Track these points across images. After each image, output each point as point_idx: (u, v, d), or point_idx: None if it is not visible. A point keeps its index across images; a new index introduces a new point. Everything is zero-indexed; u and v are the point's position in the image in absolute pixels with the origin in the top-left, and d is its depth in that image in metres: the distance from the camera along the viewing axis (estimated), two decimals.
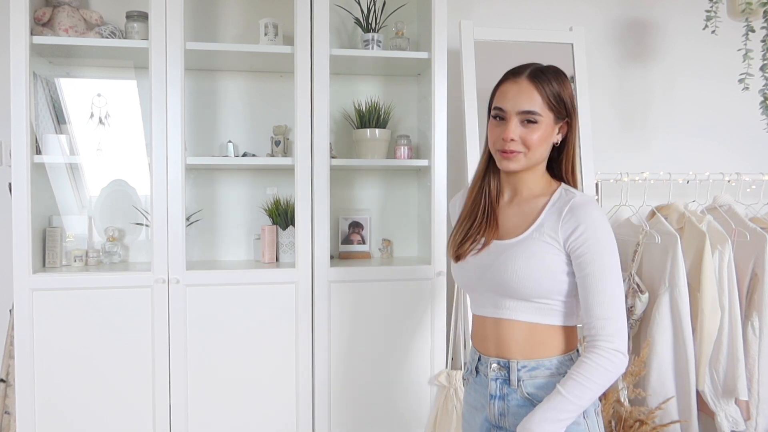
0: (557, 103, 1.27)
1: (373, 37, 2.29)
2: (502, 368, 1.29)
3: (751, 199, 2.56)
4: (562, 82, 1.28)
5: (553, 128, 1.28)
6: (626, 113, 2.74)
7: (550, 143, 1.29)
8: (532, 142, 1.26)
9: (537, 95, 1.25)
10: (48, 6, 2.13)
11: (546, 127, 1.26)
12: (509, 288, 1.25)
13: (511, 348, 1.28)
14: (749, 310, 2.33)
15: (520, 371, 1.26)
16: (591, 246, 1.20)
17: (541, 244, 1.24)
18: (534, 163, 1.29)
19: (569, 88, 1.30)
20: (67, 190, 2.27)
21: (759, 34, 2.25)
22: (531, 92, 1.25)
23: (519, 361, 1.27)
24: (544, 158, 1.31)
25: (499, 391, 1.29)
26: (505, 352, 1.29)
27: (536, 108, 1.25)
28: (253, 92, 2.43)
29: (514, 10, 2.63)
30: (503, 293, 1.27)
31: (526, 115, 1.25)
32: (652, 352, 2.30)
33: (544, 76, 1.27)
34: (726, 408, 2.30)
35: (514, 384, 1.27)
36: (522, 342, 1.27)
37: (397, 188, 2.54)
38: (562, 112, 1.28)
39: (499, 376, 1.29)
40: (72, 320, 2.01)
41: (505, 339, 1.29)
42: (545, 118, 1.26)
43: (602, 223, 1.21)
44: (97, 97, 2.27)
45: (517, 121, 1.26)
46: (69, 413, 2.02)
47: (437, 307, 2.22)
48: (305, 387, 2.14)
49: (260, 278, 2.12)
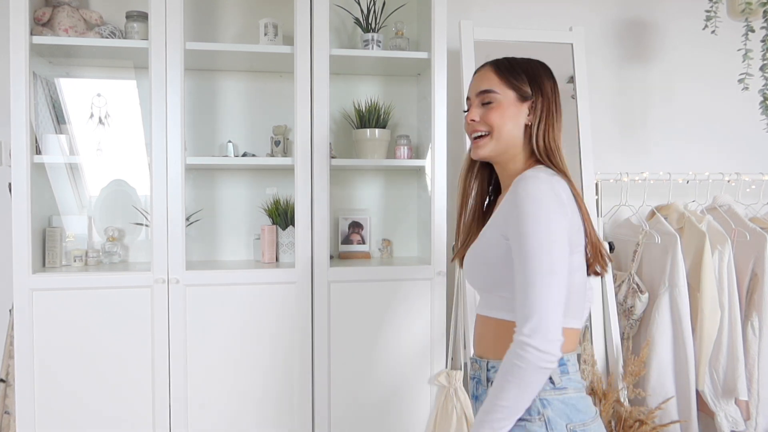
0: (516, 80, 1.23)
1: (373, 37, 2.29)
2: (479, 368, 1.24)
3: (750, 199, 2.57)
4: (525, 63, 1.26)
5: (518, 107, 1.23)
6: (626, 113, 2.74)
7: (519, 124, 1.23)
8: (492, 120, 1.22)
9: (494, 75, 1.24)
10: (48, 6, 2.13)
11: (507, 105, 1.22)
12: (472, 278, 1.24)
13: (483, 345, 1.24)
14: (749, 310, 2.34)
15: (489, 371, 1.20)
16: (514, 227, 1.10)
17: (491, 232, 1.20)
18: (504, 147, 1.23)
19: (536, 69, 1.26)
20: (66, 190, 2.27)
21: (759, 34, 2.25)
22: (488, 74, 1.25)
23: (489, 361, 1.20)
24: (515, 142, 1.23)
25: (476, 392, 1.25)
26: (481, 350, 1.24)
27: (493, 86, 1.23)
28: (252, 92, 2.43)
29: (514, 10, 2.63)
30: (474, 285, 1.26)
31: (483, 95, 1.24)
32: (652, 352, 2.30)
33: (505, 59, 1.26)
34: (726, 408, 2.30)
35: (485, 384, 1.21)
36: (492, 340, 1.20)
37: (397, 188, 2.54)
38: (525, 89, 1.23)
39: (476, 376, 1.25)
40: (72, 320, 2.01)
41: (480, 336, 1.25)
42: (504, 96, 1.23)
43: (529, 197, 1.09)
44: (97, 97, 2.27)
45: (477, 103, 1.25)
46: (69, 413, 2.02)
47: (437, 307, 2.22)
48: (305, 387, 2.14)
49: (260, 278, 2.12)
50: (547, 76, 1.26)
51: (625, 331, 2.42)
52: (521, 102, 1.23)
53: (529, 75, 1.24)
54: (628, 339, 2.42)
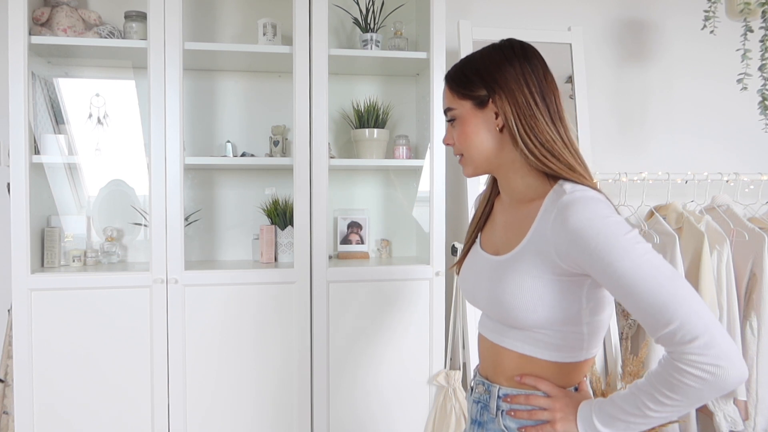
0: (466, 87, 1.07)
1: (372, 37, 2.29)
2: (485, 391, 1.13)
3: (749, 199, 2.57)
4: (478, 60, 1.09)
5: (478, 116, 1.07)
6: (625, 113, 2.74)
7: (488, 133, 1.06)
8: (458, 140, 1.10)
9: (448, 90, 1.11)
10: (46, 6, 2.13)
11: (467, 118, 1.08)
12: (502, 315, 1.06)
13: (499, 373, 1.11)
14: (747, 310, 2.34)
15: (500, 399, 1.10)
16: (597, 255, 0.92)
17: (532, 262, 1.01)
18: (485, 162, 1.09)
19: (491, 61, 1.07)
20: (65, 190, 2.27)
21: (757, 34, 2.25)
22: (445, 90, 1.13)
23: (502, 388, 1.10)
24: (493, 153, 1.07)
25: (479, 417, 1.14)
26: (493, 376, 1.13)
27: (449, 103, 1.11)
28: (251, 92, 2.43)
29: (513, 10, 2.63)
30: (498, 318, 1.09)
31: (447, 115, 1.12)
32: (651, 352, 2.30)
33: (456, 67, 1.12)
34: (724, 408, 2.30)
35: (493, 412, 1.10)
36: (512, 371, 1.09)
37: (396, 188, 2.54)
38: (478, 93, 1.06)
39: (481, 399, 1.14)
40: (70, 320, 2.01)
41: (497, 364, 1.12)
42: (461, 110, 1.08)
43: (597, 221, 0.93)
44: (96, 97, 2.27)
45: (448, 125, 1.14)
46: (67, 413, 2.02)
47: (436, 307, 2.22)
48: (303, 387, 2.14)
49: (259, 278, 2.12)
50: (506, 61, 1.05)
51: (624, 331, 2.43)
52: (480, 108, 1.07)
53: (482, 73, 1.06)
54: (627, 339, 2.43)
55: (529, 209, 1.06)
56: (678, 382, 0.89)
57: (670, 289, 0.89)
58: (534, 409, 1.06)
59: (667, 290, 0.89)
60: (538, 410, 1.06)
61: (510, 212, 1.12)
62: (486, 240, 1.18)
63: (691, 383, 0.88)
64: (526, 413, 1.07)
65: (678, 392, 0.90)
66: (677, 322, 0.87)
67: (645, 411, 0.94)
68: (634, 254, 0.90)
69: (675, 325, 0.88)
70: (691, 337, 0.87)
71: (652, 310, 0.89)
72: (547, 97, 1.05)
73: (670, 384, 0.90)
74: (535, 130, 1.03)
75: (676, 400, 0.91)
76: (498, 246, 1.12)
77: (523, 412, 1.07)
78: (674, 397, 0.91)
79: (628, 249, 0.91)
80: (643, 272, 0.90)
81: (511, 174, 1.09)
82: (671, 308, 0.88)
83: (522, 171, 1.08)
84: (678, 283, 0.89)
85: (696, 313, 0.87)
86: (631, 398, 0.96)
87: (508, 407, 1.08)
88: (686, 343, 0.87)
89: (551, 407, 1.05)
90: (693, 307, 0.88)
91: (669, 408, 0.92)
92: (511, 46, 1.08)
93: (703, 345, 0.86)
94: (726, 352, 0.87)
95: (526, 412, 1.07)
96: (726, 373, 0.87)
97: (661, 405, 0.92)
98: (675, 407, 0.92)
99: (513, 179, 1.09)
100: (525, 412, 1.07)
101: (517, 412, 1.07)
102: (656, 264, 0.90)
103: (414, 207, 2.53)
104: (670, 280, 0.89)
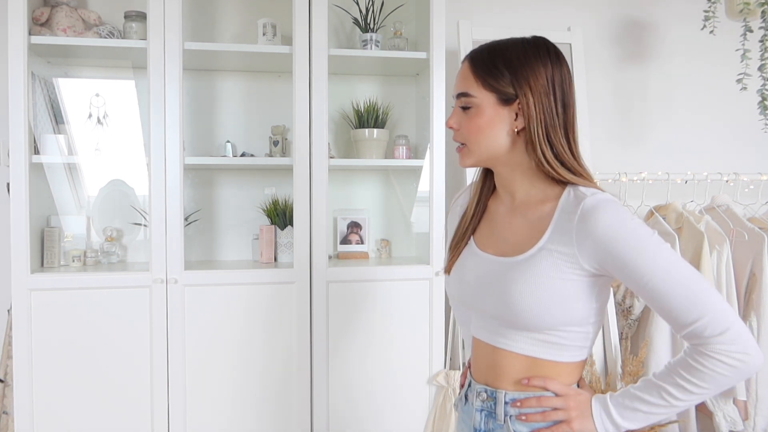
0: (494, 80, 1.02)
1: (372, 37, 2.29)
2: (489, 398, 1.10)
3: (749, 199, 2.57)
4: (510, 51, 1.04)
5: (499, 112, 1.03)
6: (624, 113, 2.74)
7: (502, 131, 1.04)
8: (467, 129, 1.05)
9: (471, 74, 1.05)
10: (46, 6, 2.13)
11: (486, 111, 1.03)
12: (511, 317, 1.04)
13: (502, 378, 1.08)
14: (747, 310, 2.34)
15: (508, 404, 1.07)
16: (626, 256, 0.96)
17: (552, 264, 1.01)
18: (487, 158, 1.07)
19: (523, 58, 1.03)
20: (65, 190, 2.27)
21: (757, 34, 2.26)
22: (466, 72, 1.06)
23: (507, 393, 1.07)
24: (501, 151, 1.05)
25: (484, 425, 1.10)
26: (495, 381, 1.09)
27: (469, 89, 1.04)
28: (251, 92, 2.43)
29: (513, 10, 2.63)
30: (503, 321, 1.06)
31: (461, 99, 1.06)
32: (651, 352, 2.30)
33: (485, 50, 1.06)
34: (724, 408, 2.30)
35: (500, 419, 1.08)
36: (519, 374, 1.07)
37: (396, 188, 2.54)
38: (506, 90, 1.02)
39: (485, 407, 1.11)
40: (70, 320, 2.01)
41: (498, 368, 1.09)
42: (482, 101, 1.03)
43: (623, 224, 0.96)
44: (96, 97, 2.27)
45: (458, 108, 1.07)
46: (67, 413, 2.02)
47: (435, 306, 2.22)
48: (303, 386, 2.14)
49: (258, 278, 2.12)
50: (540, 63, 1.03)
51: (624, 331, 2.43)
52: (503, 105, 1.03)
53: (513, 69, 1.02)
54: (627, 339, 2.43)
55: (541, 211, 1.06)
56: (709, 371, 0.96)
57: (696, 287, 0.95)
58: (547, 410, 1.05)
59: (693, 288, 0.95)
60: (551, 411, 1.05)
61: (517, 213, 1.10)
62: (483, 241, 1.14)
63: (723, 371, 0.95)
64: (539, 415, 1.05)
65: (707, 380, 0.96)
66: (708, 316, 0.94)
67: (670, 400, 0.99)
68: (660, 257, 0.96)
69: (706, 320, 0.94)
70: (722, 330, 0.94)
71: (682, 308, 0.95)
72: (567, 107, 1.05)
73: (700, 373, 0.96)
74: (552, 139, 1.03)
75: (703, 387, 0.97)
76: (503, 247, 1.09)
77: (536, 414, 1.06)
78: (702, 385, 0.97)
79: (656, 252, 0.96)
80: (672, 273, 0.96)
81: (518, 175, 1.08)
82: (700, 304, 0.95)
83: (529, 174, 1.07)
84: (701, 280, 0.96)
85: (722, 308, 0.95)
86: (654, 389, 1.00)
87: (517, 412, 1.07)
88: (716, 336, 0.94)
89: (565, 406, 1.05)
90: (718, 302, 0.95)
91: (696, 396, 0.99)
92: (546, 46, 1.06)
93: (734, 336, 0.94)
94: (751, 342, 0.95)
95: (540, 414, 1.06)
96: (753, 360, 0.95)
97: (687, 393, 0.98)
98: (702, 394, 0.98)
99: (520, 181, 1.09)
100: (538, 414, 1.06)
101: (529, 415, 1.06)
102: (680, 264, 0.97)
103: (414, 207, 2.53)
104: (695, 279, 0.96)
